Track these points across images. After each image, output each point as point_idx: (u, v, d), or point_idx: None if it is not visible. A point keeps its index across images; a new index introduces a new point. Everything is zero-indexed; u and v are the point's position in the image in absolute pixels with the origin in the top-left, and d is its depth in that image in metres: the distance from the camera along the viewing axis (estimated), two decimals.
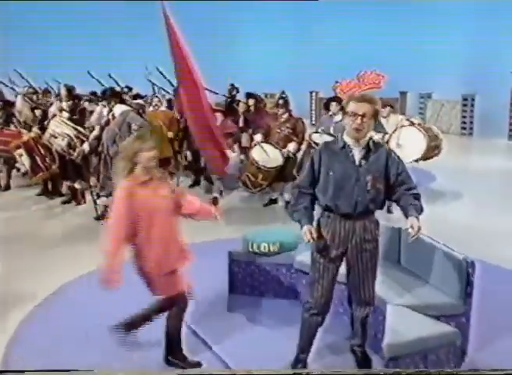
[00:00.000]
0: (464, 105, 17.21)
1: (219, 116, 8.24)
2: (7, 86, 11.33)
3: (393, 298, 4.03)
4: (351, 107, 3.47)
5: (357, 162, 3.52)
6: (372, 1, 16.88)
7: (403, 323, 3.70)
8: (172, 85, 11.45)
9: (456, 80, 16.28)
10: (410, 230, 3.36)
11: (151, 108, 9.73)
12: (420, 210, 3.48)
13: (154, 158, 3.69)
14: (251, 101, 9.59)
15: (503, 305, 4.83)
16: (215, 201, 6.20)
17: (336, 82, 13.51)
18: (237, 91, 11.92)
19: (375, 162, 3.53)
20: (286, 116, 8.18)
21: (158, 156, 3.73)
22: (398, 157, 3.62)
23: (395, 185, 3.55)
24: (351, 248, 3.62)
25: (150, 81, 11.04)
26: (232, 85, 12.80)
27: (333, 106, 7.79)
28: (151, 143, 3.73)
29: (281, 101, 8.36)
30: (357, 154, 3.53)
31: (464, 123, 17.25)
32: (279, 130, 8.13)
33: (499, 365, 3.92)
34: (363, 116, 3.43)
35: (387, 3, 16.66)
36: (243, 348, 4.20)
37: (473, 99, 17.03)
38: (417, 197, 3.52)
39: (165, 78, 9.86)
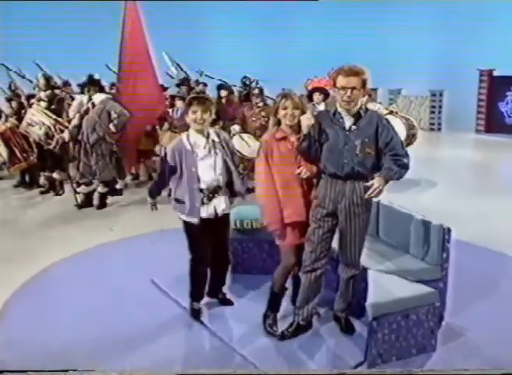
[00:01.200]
0: (433, 101, 17.58)
1: (180, 105, 8.22)
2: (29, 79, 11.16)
3: (374, 265, 4.20)
4: (340, 81, 3.62)
5: (346, 128, 3.71)
6: (342, 1, 17.15)
7: (385, 285, 3.86)
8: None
9: (424, 76, 16.63)
10: (369, 185, 3.52)
11: None
12: (394, 174, 3.60)
13: (290, 116, 3.81)
14: (223, 93, 9.60)
15: (475, 279, 5.06)
16: None
17: (308, 79, 13.67)
18: (250, 82, 11.58)
19: (365, 128, 3.70)
20: (261, 105, 8.31)
21: (295, 116, 3.82)
22: (390, 125, 3.76)
23: (384, 151, 3.69)
24: (341, 209, 3.79)
25: None
26: (245, 77, 12.61)
27: (316, 96, 7.96)
28: (289, 103, 3.82)
29: (256, 91, 8.48)
30: (347, 120, 3.72)
31: (433, 118, 17.64)
32: (254, 119, 8.25)
33: (471, 328, 4.19)
34: (353, 88, 3.60)
35: (357, 2, 16.94)
36: (224, 318, 4.45)
37: (441, 95, 17.42)
38: (398, 163, 3.62)
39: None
